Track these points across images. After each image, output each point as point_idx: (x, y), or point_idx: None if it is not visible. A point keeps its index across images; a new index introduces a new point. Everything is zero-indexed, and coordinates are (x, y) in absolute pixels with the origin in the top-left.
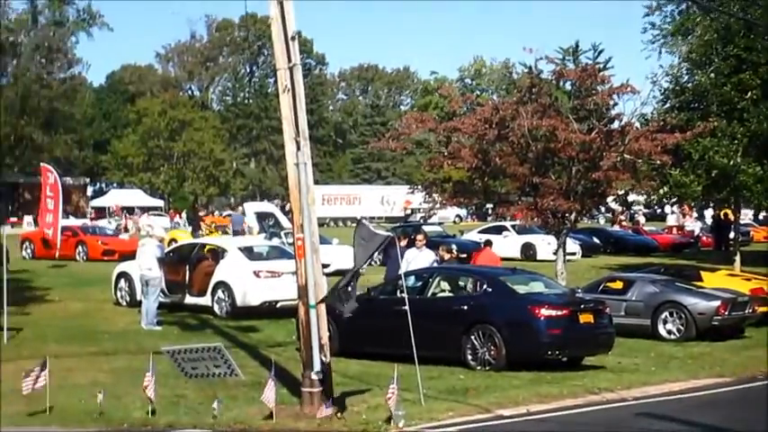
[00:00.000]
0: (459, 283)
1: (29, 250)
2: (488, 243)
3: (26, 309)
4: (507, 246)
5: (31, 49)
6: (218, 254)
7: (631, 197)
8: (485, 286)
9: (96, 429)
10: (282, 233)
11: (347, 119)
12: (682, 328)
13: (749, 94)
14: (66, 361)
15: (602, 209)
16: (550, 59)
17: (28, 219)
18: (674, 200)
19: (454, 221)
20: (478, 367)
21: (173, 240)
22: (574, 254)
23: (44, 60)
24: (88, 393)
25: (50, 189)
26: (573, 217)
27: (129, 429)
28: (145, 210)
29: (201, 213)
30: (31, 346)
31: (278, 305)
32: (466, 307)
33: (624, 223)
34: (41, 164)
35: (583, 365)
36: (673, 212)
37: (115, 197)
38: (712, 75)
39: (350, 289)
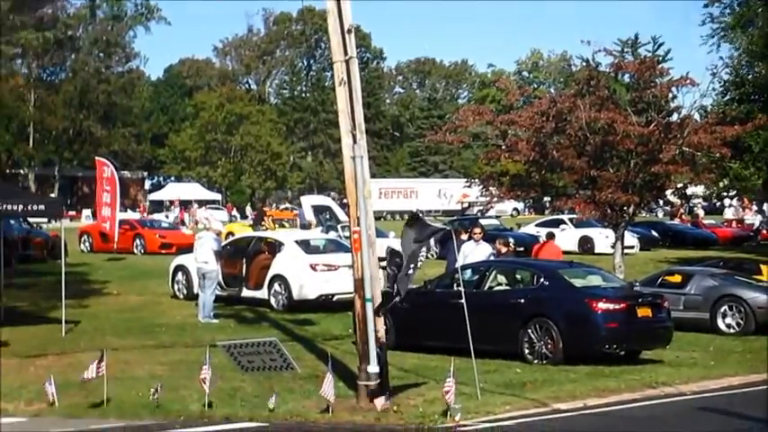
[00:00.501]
0: (517, 276)
1: (87, 244)
2: (551, 236)
3: (84, 302)
4: (565, 239)
5: (90, 43)
6: (274, 247)
7: (690, 190)
8: (542, 280)
9: (153, 422)
10: (339, 226)
11: (404, 112)
12: (741, 321)
13: None
14: (123, 353)
15: (661, 202)
16: (609, 52)
17: (86, 212)
18: (733, 193)
19: (511, 215)
20: (535, 361)
21: (230, 234)
22: (632, 247)
23: (102, 55)
24: (145, 386)
25: (107, 182)
26: (631, 210)
27: (185, 422)
28: (202, 203)
29: (266, 209)
30: (88, 339)
31: (334, 298)
32: (523, 300)
33: (683, 216)
34: (96, 157)
35: (641, 359)
36: (730, 206)
37: (173, 191)
38: None
39: (411, 271)
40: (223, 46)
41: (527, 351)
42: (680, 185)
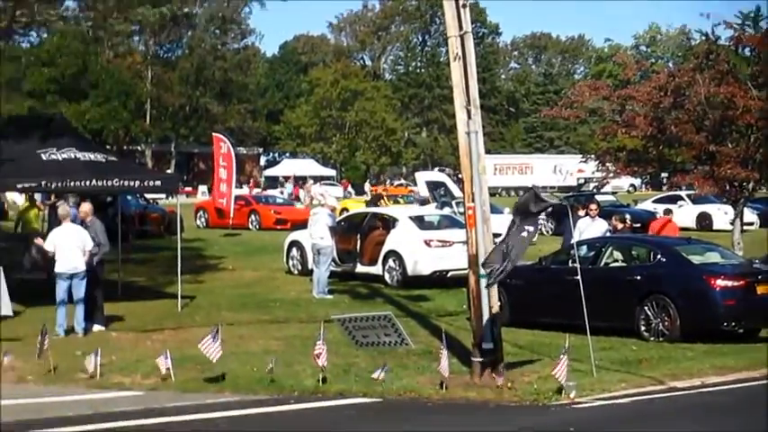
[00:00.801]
0: (633, 252)
1: (203, 219)
2: (668, 212)
3: (200, 277)
4: (682, 215)
5: (206, 20)
6: (389, 223)
7: None
8: (659, 256)
9: (268, 396)
10: (453, 202)
11: (519, 87)
12: None
13: None
14: (238, 329)
15: None
16: (729, 25)
17: (202, 188)
18: None
19: (628, 191)
20: (652, 338)
21: (344, 210)
22: (751, 224)
23: (218, 31)
24: (260, 361)
25: (223, 159)
26: (751, 186)
27: (300, 397)
28: (317, 179)
29: (382, 192)
30: (204, 314)
31: (448, 275)
32: (639, 277)
33: None
34: (213, 133)
35: (760, 337)
36: None
37: (288, 167)
38: None
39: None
40: (338, 22)
41: (643, 328)
42: None
